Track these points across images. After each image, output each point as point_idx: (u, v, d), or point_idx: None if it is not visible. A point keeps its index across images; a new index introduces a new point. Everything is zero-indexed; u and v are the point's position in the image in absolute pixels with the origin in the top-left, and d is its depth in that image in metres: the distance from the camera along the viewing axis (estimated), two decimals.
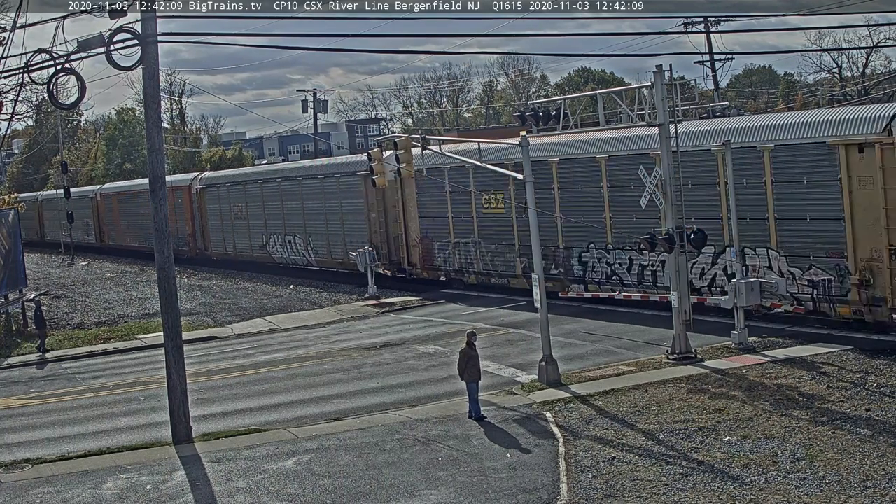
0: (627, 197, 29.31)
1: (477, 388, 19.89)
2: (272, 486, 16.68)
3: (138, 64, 19.49)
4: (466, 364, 19.91)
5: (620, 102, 24.84)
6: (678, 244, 22.96)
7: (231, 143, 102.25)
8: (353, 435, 19.36)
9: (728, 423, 17.90)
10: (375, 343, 29.44)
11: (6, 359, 32.36)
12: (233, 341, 32.60)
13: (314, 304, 38.91)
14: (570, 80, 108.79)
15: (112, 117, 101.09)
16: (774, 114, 45.28)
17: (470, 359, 19.91)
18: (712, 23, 59.15)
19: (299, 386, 24.62)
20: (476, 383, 19.85)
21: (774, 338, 24.53)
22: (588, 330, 28.14)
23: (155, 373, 26.13)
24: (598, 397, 20.62)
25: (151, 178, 20.42)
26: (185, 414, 20.15)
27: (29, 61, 20.18)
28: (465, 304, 35.17)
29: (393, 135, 42.25)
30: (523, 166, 23.36)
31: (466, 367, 19.89)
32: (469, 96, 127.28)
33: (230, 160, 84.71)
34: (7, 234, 38.38)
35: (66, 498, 16.96)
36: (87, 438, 21.09)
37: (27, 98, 48.63)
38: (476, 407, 19.79)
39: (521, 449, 17.66)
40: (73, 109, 62.74)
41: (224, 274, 51.55)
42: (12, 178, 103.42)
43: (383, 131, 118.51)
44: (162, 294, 20.52)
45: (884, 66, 79.59)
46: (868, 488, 14.29)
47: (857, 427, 17.06)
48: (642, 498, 14.82)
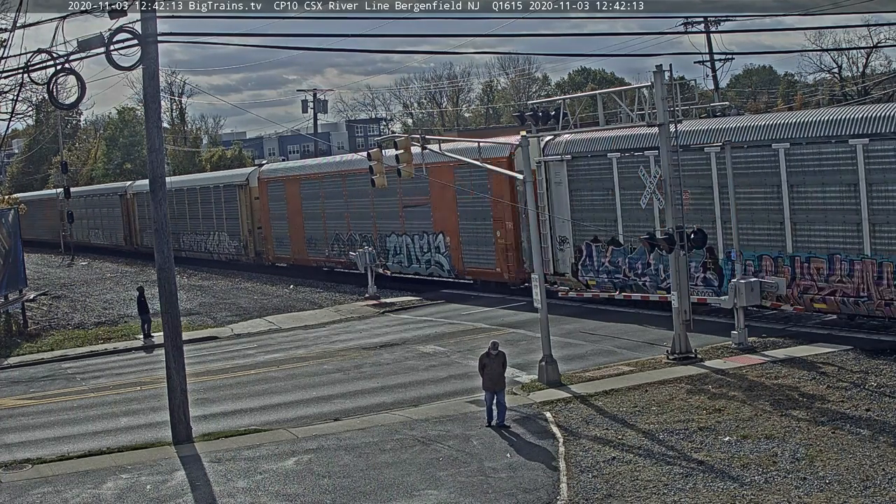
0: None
1: (492, 398, 19.22)
2: (272, 486, 16.67)
3: (138, 64, 19.48)
4: (482, 371, 19.40)
5: (620, 102, 24.84)
6: (678, 244, 22.96)
7: (231, 143, 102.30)
8: (353, 435, 19.36)
9: (728, 423, 17.90)
10: (375, 343, 29.44)
11: (6, 359, 32.35)
12: (233, 341, 32.60)
13: (314, 304, 38.91)
14: (571, 80, 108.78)
15: (112, 117, 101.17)
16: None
17: (484, 366, 19.38)
18: (712, 23, 59.13)
19: (299, 386, 24.62)
20: (491, 392, 19.22)
21: (774, 338, 24.54)
22: (588, 330, 28.15)
23: (155, 373, 26.13)
24: (598, 397, 20.62)
25: (151, 179, 20.41)
26: (185, 414, 20.15)
27: (29, 61, 20.19)
28: (465, 303, 35.16)
29: (393, 135, 41.80)
30: (523, 166, 23.35)
31: (482, 373, 19.38)
32: (469, 96, 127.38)
33: (230, 160, 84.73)
34: (7, 234, 38.38)
35: (66, 498, 16.95)
36: (87, 438, 21.09)
37: (27, 98, 48.72)
38: (490, 414, 19.22)
39: (522, 449, 17.66)
40: (72, 109, 62.73)
41: (224, 274, 51.52)
42: (12, 177, 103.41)
43: (383, 131, 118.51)
44: (162, 294, 20.51)
45: (884, 66, 79.56)
46: (868, 488, 14.29)
47: (857, 427, 17.06)
48: (642, 498, 14.82)
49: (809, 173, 24.51)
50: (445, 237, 37.69)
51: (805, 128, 24.72)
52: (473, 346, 27.06)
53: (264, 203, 49.49)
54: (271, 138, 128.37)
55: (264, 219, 49.63)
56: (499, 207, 34.35)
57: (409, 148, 26.75)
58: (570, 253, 32.09)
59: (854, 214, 23.46)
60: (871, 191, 23.04)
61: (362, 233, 42.41)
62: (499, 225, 35.00)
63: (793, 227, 25.02)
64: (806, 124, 24.83)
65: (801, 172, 24.66)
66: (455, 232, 37.09)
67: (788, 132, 25.00)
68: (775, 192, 25.29)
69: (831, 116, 24.62)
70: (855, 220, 23.49)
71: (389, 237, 40.90)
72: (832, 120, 24.23)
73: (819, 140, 24.21)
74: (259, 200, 49.93)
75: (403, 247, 40.16)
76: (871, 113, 23.46)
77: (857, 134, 23.23)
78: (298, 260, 47.80)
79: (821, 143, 24.17)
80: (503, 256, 34.98)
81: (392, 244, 40.78)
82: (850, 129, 23.47)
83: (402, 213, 39.91)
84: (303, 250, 46.94)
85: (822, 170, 24.20)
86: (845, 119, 23.89)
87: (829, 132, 23.98)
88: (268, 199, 49.24)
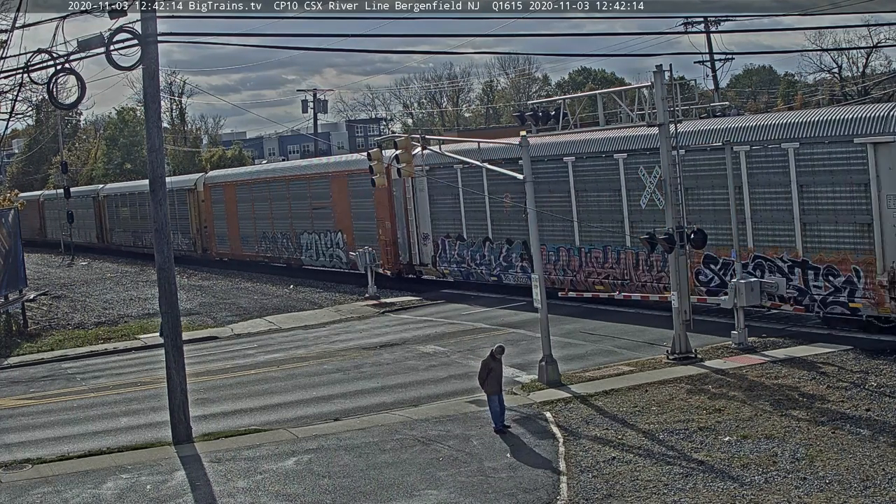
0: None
1: (497, 401, 19.04)
2: (272, 486, 16.68)
3: (138, 64, 19.48)
4: (487, 375, 19.10)
5: (620, 102, 24.84)
6: (678, 244, 22.96)
7: (231, 143, 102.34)
8: (353, 435, 19.36)
9: (728, 423, 17.90)
10: (375, 343, 29.44)
11: (6, 359, 32.35)
12: (233, 341, 32.60)
13: (314, 304, 38.91)
14: (571, 80, 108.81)
15: (112, 117, 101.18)
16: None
17: (490, 370, 19.15)
18: (712, 23, 59.12)
19: (299, 386, 24.62)
20: (497, 396, 19.00)
21: (774, 338, 24.54)
22: (588, 330, 28.15)
23: (155, 373, 26.13)
24: (598, 397, 20.62)
25: (151, 179, 20.39)
26: (185, 414, 20.15)
27: (29, 61, 20.19)
28: (465, 303, 35.16)
29: (393, 135, 42.21)
30: (523, 166, 23.36)
31: (487, 378, 19.09)
32: (469, 96, 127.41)
33: (230, 160, 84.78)
34: (7, 234, 38.38)
35: (66, 498, 16.96)
36: (87, 438, 21.09)
37: (27, 98, 48.71)
38: (496, 418, 18.98)
39: (522, 449, 17.66)
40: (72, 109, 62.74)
41: (224, 274, 51.56)
42: (12, 177, 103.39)
43: (383, 131, 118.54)
44: (162, 294, 20.51)
45: (884, 66, 79.58)
46: (868, 488, 14.29)
47: (857, 427, 17.06)
48: (642, 498, 14.82)
49: (590, 182, 30.92)
50: (343, 234, 43.23)
51: (585, 145, 30.66)
52: (473, 346, 27.07)
53: (208, 205, 55.16)
54: (271, 138, 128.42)
55: (209, 219, 55.32)
56: (381, 209, 40.25)
57: (409, 148, 26.80)
58: (430, 247, 38.41)
59: (618, 214, 30.01)
60: (630, 196, 29.35)
61: (283, 231, 48.07)
62: (380, 224, 40.53)
63: (579, 226, 31.42)
64: (586, 142, 30.57)
65: (584, 181, 31.12)
66: (350, 230, 42.64)
67: (574, 149, 31.00)
68: (566, 197, 31.73)
69: (602, 137, 29.98)
70: (619, 219, 30.03)
71: (303, 235, 46.51)
72: (601, 139, 30.10)
73: (592, 155, 30.76)
74: (205, 203, 55.50)
75: (313, 243, 45.74)
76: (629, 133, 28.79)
77: (619, 150, 29.57)
78: (236, 255, 53.16)
79: (592, 159, 30.83)
80: (384, 251, 40.20)
81: (305, 241, 46.38)
82: (614, 146, 29.80)
83: (312, 214, 45.54)
84: (238, 246, 52.73)
85: (598, 180, 30.65)
86: (611, 138, 29.74)
87: (600, 149, 30.23)
88: (211, 202, 54.91)
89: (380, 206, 40.09)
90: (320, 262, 45.30)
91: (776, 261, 25.38)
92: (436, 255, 38.22)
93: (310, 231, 45.74)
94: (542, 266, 23.30)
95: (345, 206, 42.84)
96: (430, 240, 38.50)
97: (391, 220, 39.93)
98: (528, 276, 31.57)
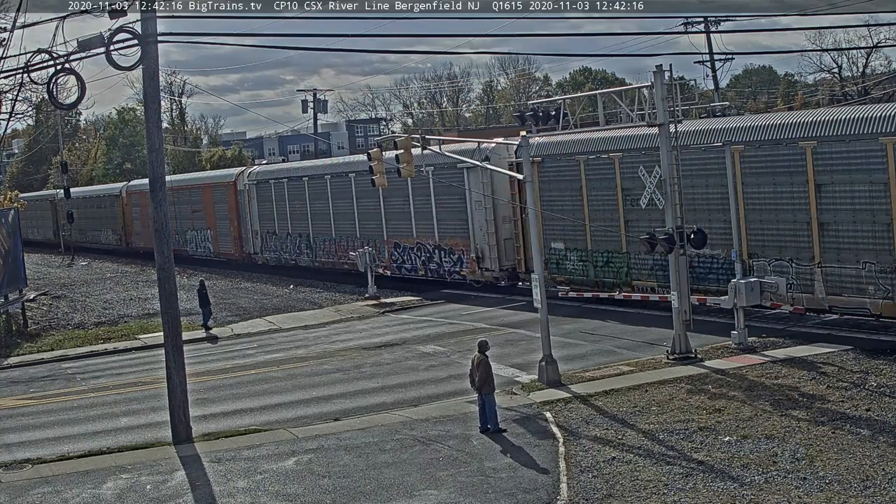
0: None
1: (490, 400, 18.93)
2: (272, 486, 16.68)
3: (138, 64, 19.47)
4: (487, 374, 18.94)
5: (620, 102, 24.83)
6: (678, 244, 22.95)
7: (231, 142, 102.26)
8: (353, 435, 19.36)
9: (728, 423, 17.90)
10: (375, 343, 29.43)
11: (6, 359, 32.35)
12: (233, 341, 32.59)
13: (314, 304, 38.91)
14: (572, 80, 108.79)
15: (112, 117, 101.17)
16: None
17: (489, 368, 18.99)
18: (712, 23, 59.10)
19: (299, 386, 24.62)
20: (492, 394, 18.94)
21: (774, 338, 24.54)
22: (588, 330, 28.15)
23: (155, 373, 26.13)
24: (598, 397, 20.62)
25: (151, 178, 20.40)
26: (185, 414, 20.15)
27: (29, 61, 20.18)
28: (465, 304, 35.16)
29: (393, 135, 42.20)
30: (523, 166, 23.36)
31: (487, 377, 18.92)
32: (469, 96, 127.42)
33: (230, 160, 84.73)
34: (7, 234, 38.37)
35: (66, 498, 16.96)
36: (87, 438, 21.08)
37: (27, 98, 48.61)
38: (486, 419, 18.82)
39: (522, 449, 17.66)
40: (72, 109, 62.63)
41: (224, 274, 51.53)
42: (12, 178, 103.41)
43: (383, 131, 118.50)
44: (162, 294, 20.51)
45: (884, 66, 79.57)
46: (868, 488, 14.29)
47: (857, 427, 17.06)
48: (642, 498, 14.82)
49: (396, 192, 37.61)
50: (212, 230, 55.74)
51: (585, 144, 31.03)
52: (473, 346, 26.78)
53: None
54: (271, 138, 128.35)
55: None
56: (231, 211, 53.27)
57: (409, 148, 26.80)
58: (259, 240, 50.94)
59: (428, 219, 36.66)
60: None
61: (192, 228, 58.21)
62: (231, 223, 53.59)
63: (386, 224, 39.80)
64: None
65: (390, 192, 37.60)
66: (215, 226, 55.39)
67: (435, 160, 33.60)
68: (405, 202, 38.22)
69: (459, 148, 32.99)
70: (430, 219, 37.00)
71: (188, 232, 58.39)
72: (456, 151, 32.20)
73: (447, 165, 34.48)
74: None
75: (196, 238, 57.78)
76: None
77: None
78: (178, 252, 59.15)
79: (448, 168, 34.78)
80: (234, 242, 53.60)
81: (190, 236, 58.23)
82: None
83: (192, 216, 57.59)
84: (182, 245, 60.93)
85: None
86: (463, 150, 32.61)
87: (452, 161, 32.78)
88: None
89: (231, 210, 53.50)
90: (199, 253, 57.44)
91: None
92: (261, 245, 50.80)
93: (197, 228, 58.34)
94: (542, 266, 23.27)
95: (210, 209, 56.00)
96: (259, 235, 51.06)
97: (238, 220, 52.95)
98: (311, 259, 45.78)
